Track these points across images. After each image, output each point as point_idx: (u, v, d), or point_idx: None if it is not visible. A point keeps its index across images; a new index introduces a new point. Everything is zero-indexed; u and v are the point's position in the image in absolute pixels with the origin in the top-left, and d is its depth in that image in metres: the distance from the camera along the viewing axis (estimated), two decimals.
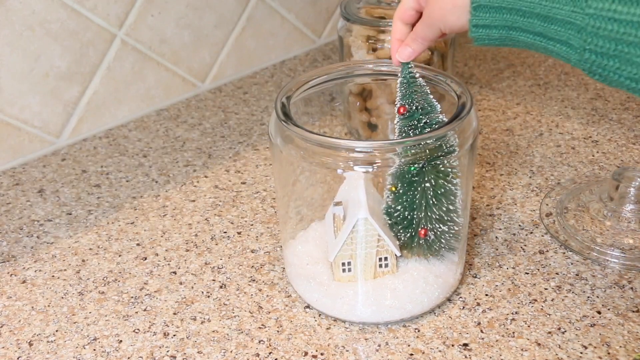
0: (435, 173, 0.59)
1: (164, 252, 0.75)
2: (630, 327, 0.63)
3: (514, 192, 0.82)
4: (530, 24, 0.52)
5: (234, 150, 0.93)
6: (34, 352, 0.63)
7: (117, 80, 0.98)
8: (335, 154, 0.58)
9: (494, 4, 0.53)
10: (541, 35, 0.52)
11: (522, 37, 0.54)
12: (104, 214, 0.81)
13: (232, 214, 0.80)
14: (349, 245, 0.62)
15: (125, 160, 0.92)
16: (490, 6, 0.53)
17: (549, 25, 0.51)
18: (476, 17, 0.54)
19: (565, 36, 0.50)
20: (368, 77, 0.73)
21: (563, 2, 0.49)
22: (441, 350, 0.61)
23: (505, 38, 0.55)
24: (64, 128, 0.95)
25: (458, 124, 0.59)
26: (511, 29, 0.54)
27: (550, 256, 0.72)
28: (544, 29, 0.51)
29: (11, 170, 0.91)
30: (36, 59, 0.89)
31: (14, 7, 0.85)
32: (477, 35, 0.56)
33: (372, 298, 0.63)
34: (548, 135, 0.92)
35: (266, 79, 1.12)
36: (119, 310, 0.67)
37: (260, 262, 0.73)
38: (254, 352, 0.62)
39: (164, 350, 0.63)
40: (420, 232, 0.62)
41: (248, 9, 1.09)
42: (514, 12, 0.52)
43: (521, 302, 0.66)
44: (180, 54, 1.03)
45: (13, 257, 0.75)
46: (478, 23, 0.55)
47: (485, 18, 0.54)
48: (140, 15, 0.97)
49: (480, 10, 0.54)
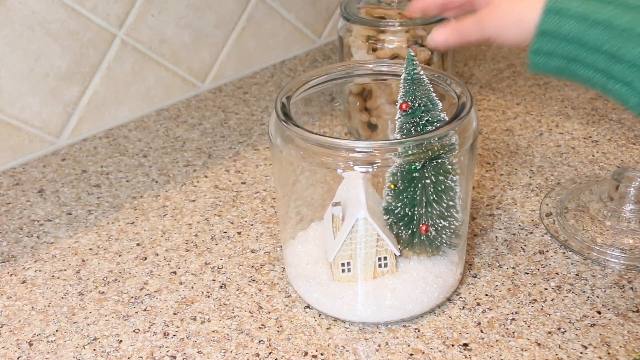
0: (436, 170, 0.59)
1: (164, 252, 0.75)
2: (630, 327, 0.63)
3: (514, 192, 0.82)
4: (594, 59, 0.49)
5: (234, 150, 0.93)
6: (34, 352, 0.63)
7: (117, 80, 0.98)
8: (335, 154, 0.58)
9: (561, 32, 0.50)
10: (603, 73, 0.49)
11: (582, 71, 0.51)
12: (104, 214, 0.81)
13: (232, 214, 0.80)
14: (348, 245, 0.62)
15: (125, 160, 0.92)
16: (556, 34, 0.50)
17: (614, 64, 0.48)
18: (539, 43, 0.51)
19: (629, 78, 0.48)
20: (368, 77, 0.73)
21: (635, 43, 0.47)
22: (441, 350, 0.61)
23: (564, 69, 0.52)
24: (64, 128, 0.95)
25: (458, 124, 0.59)
26: (572, 61, 0.51)
27: (550, 256, 0.72)
28: (608, 66, 0.49)
29: (11, 170, 0.91)
30: (36, 59, 0.89)
31: (14, 7, 0.85)
32: (535, 62, 0.52)
33: (372, 298, 0.63)
34: (548, 135, 0.92)
35: (266, 79, 1.12)
36: (119, 310, 0.67)
37: (260, 262, 0.73)
38: (254, 352, 0.62)
39: (164, 350, 0.63)
40: (421, 228, 0.62)
41: (248, 9, 1.09)
42: (580, 45, 0.49)
43: (521, 302, 0.66)
44: (180, 54, 1.03)
45: (13, 257, 0.75)
46: (540, 49, 0.51)
47: (548, 45, 0.51)
48: (140, 15, 0.97)
49: (545, 36, 0.51)
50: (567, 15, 0.49)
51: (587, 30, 0.49)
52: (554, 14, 0.50)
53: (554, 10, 0.50)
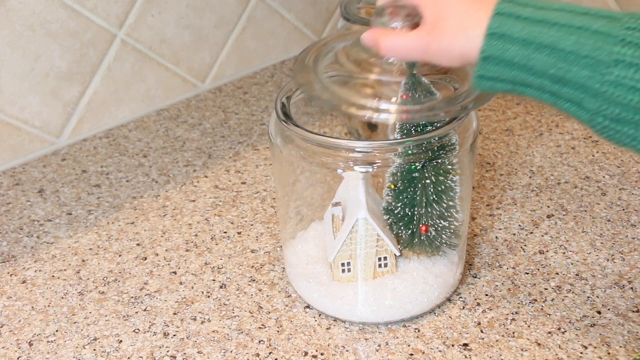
0: (436, 170, 0.59)
1: (164, 252, 0.75)
2: (630, 327, 0.63)
3: (514, 192, 0.82)
4: (541, 82, 0.48)
5: (234, 150, 0.93)
6: (34, 352, 0.63)
7: (117, 81, 0.98)
8: (335, 154, 0.58)
9: (505, 57, 0.48)
10: (551, 94, 0.49)
11: (530, 92, 0.50)
12: (104, 214, 0.81)
13: (232, 214, 0.80)
14: (348, 245, 0.62)
15: (125, 160, 0.92)
16: (500, 59, 0.49)
17: (561, 87, 0.47)
18: (483, 68, 0.50)
19: (578, 99, 0.47)
20: None
21: (581, 65, 0.46)
22: (441, 350, 0.61)
23: (511, 91, 0.51)
24: (64, 128, 0.95)
25: (458, 124, 0.59)
26: (519, 85, 0.50)
27: (550, 256, 0.72)
28: (555, 89, 0.48)
29: (11, 170, 0.91)
30: (36, 59, 0.89)
31: (14, 7, 0.85)
32: (480, 85, 0.51)
33: (372, 298, 0.63)
34: (548, 135, 0.93)
35: (266, 79, 1.12)
36: (119, 310, 0.67)
37: (260, 262, 0.73)
38: (254, 352, 0.62)
39: (164, 350, 0.63)
40: (421, 229, 0.62)
41: (248, 9, 1.09)
42: (526, 70, 0.48)
43: (521, 302, 0.66)
44: (180, 54, 1.03)
45: (13, 257, 0.75)
46: (484, 75, 0.50)
47: (493, 70, 0.50)
48: (140, 16, 0.97)
49: (489, 61, 0.49)
50: (510, 40, 0.48)
51: (532, 55, 0.48)
52: (497, 38, 0.49)
53: (497, 35, 0.49)
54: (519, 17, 0.48)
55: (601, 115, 0.46)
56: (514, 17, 0.48)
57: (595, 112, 0.46)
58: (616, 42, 0.44)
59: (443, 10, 0.52)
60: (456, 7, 0.51)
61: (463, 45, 0.50)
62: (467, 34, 0.50)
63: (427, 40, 0.52)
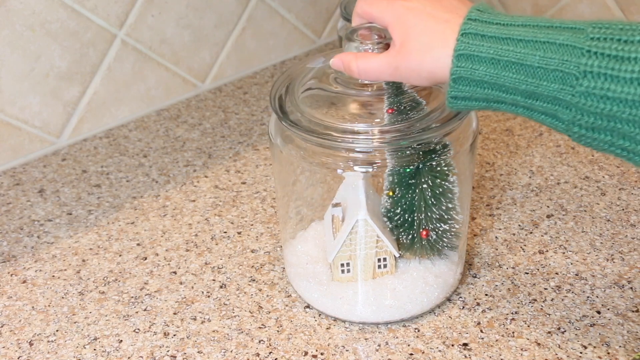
0: (432, 173, 0.59)
1: (164, 252, 0.75)
2: (629, 327, 0.63)
3: (514, 192, 0.82)
4: (513, 99, 0.49)
5: (234, 150, 0.93)
6: (35, 352, 0.63)
7: (117, 81, 0.98)
8: (335, 154, 0.58)
9: (475, 77, 0.49)
10: (525, 108, 0.49)
11: (504, 108, 0.51)
12: (104, 214, 0.81)
13: (232, 214, 0.81)
14: (347, 246, 0.62)
15: (125, 160, 0.92)
16: (471, 79, 0.50)
17: (534, 102, 0.48)
18: (455, 90, 0.51)
19: (552, 111, 0.48)
20: None
21: (550, 79, 0.46)
22: (441, 350, 0.61)
23: (486, 107, 0.52)
24: (64, 128, 0.95)
25: (458, 124, 0.59)
26: (493, 102, 0.51)
27: (550, 256, 0.72)
28: (528, 103, 0.49)
29: (11, 170, 0.91)
30: (36, 59, 0.89)
31: (14, 7, 0.85)
32: (454, 105, 0.52)
33: (372, 298, 0.64)
34: (548, 135, 0.93)
35: (266, 79, 1.12)
36: (119, 310, 0.67)
37: (260, 262, 0.73)
38: (254, 351, 0.62)
39: (164, 350, 0.63)
40: (422, 233, 0.62)
41: (248, 9, 1.09)
42: (497, 88, 0.49)
43: (521, 302, 0.66)
44: (180, 54, 1.03)
45: (13, 257, 0.75)
46: (457, 95, 0.51)
47: (464, 91, 0.50)
48: (140, 16, 0.97)
49: (460, 82, 0.50)
50: (478, 60, 0.49)
51: (501, 73, 0.48)
52: (465, 59, 0.49)
53: (464, 56, 0.49)
54: (484, 36, 0.49)
55: (577, 125, 0.47)
56: (479, 36, 0.49)
57: (570, 122, 0.47)
58: (582, 54, 0.45)
59: (410, 31, 0.52)
60: (422, 27, 0.52)
61: (431, 64, 0.51)
62: (434, 53, 0.51)
63: (396, 60, 0.53)
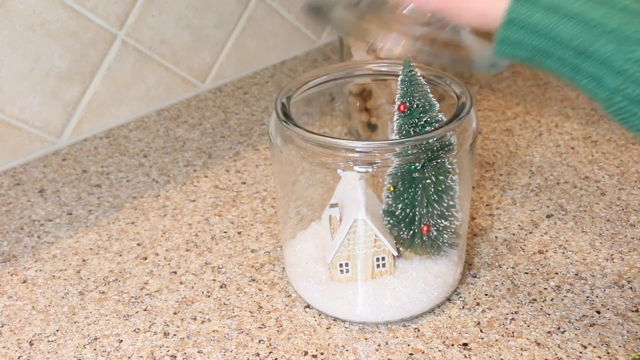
0: (436, 170, 0.60)
1: (164, 252, 0.75)
2: (629, 327, 0.63)
3: (514, 192, 0.82)
4: (563, 53, 0.47)
5: (234, 150, 0.93)
6: (35, 352, 0.63)
7: (117, 81, 0.98)
8: (335, 154, 0.58)
9: (530, 22, 0.47)
10: (571, 67, 0.47)
11: (549, 63, 0.48)
12: (105, 214, 0.82)
13: (232, 214, 0.81)
14: (346, 246, 0.62)
15: (125, 160, 0.92)
16: (524, 24, 0.47)
17: (583, 61, 0.46)
18: (506, 31, 0.48)
19: (599, 75, 0.45)
20: (368, 77, 0.73)
21: (606, 40, 0.44)
22: (441, 350, 0.61)
23: (531, 59, 0.49)
24: (64, 128, 0.95)
25: (458, 124, 0.59)
26: (540, 53, 0.48)
27: (550, 256, 0.72)
28: (577, 62, 0.46)
29: (12, 170, 0.91)
30: (37, 59, 0.89)
31: (14, 7, 0.85)
32: (500, 50, 0.49)
33: (372, 298, 0.64)
34: (547, 135, 0.93)
35: (266, 79, 1.12)
36: (120, 310, 0.67)
37: (260, 262, 0.73)
38: (254, 351, 0.62)
39: (164, 349, 0.63)
40: (423, 229, 0.62)
41: (248, 9, 1.09)
42: (549, 38, 0.47)
43: (521, 302, 0.66)
44: (180, 54, 1.04)
45: (14, 256, 0.75)
46: (507, 38, 0.48)
47: (515, 35, 0.48)
48: (140, 16, 0.97)
49: (512, 25, 0.48)
50: (537, 5, 0.47)
51: (557, 23, 0.46)
52: (524, 2, 0.47)
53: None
54: None
55: (620, 95, 0.45)
56: None
57: (614, 90, 0.45)
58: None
59: None
60: None
61: (486, 1, 0.49)
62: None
63: None
